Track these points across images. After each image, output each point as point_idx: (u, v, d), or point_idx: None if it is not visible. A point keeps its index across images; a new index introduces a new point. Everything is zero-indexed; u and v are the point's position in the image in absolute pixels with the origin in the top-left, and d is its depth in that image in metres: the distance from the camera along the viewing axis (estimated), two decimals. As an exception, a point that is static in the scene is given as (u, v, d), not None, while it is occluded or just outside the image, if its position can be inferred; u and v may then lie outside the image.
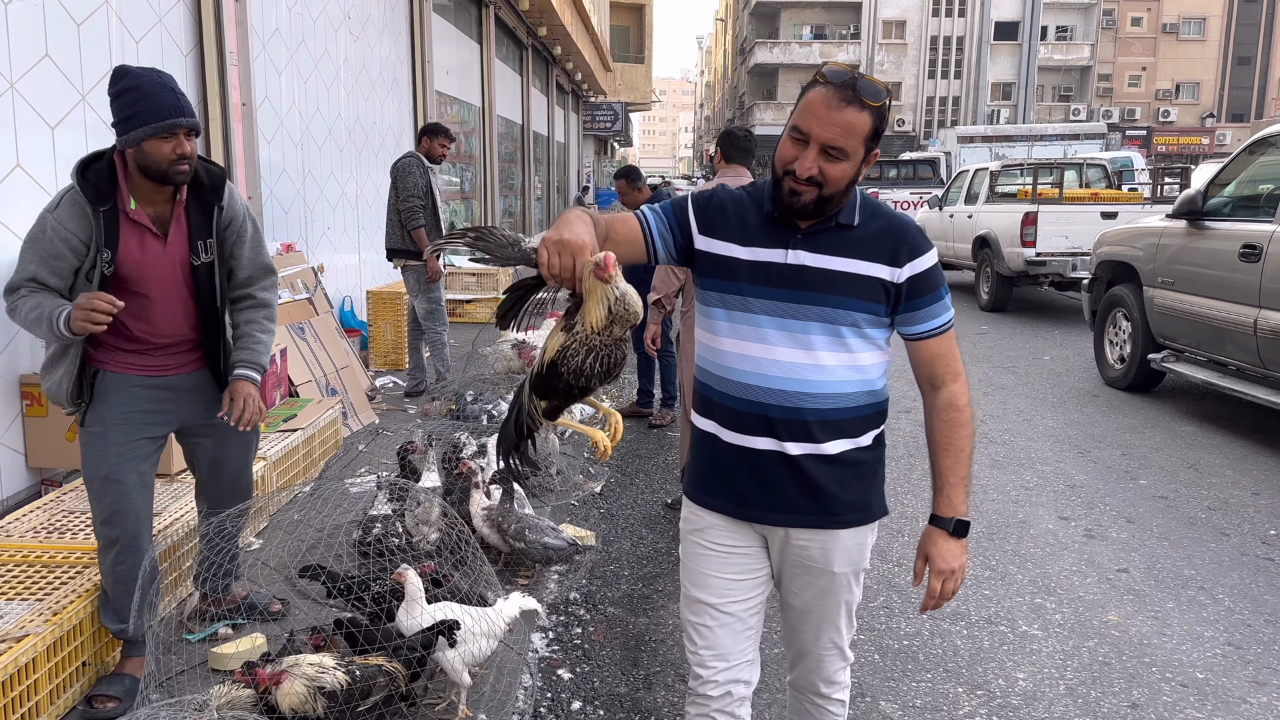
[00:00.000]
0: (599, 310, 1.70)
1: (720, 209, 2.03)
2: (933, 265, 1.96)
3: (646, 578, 4.23)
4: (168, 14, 5.37)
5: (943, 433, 2.03)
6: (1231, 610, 3.94)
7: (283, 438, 4.68)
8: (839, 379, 1.95)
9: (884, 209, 2.01)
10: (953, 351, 2.02)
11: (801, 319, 1.92)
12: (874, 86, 1.84)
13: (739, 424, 2.00)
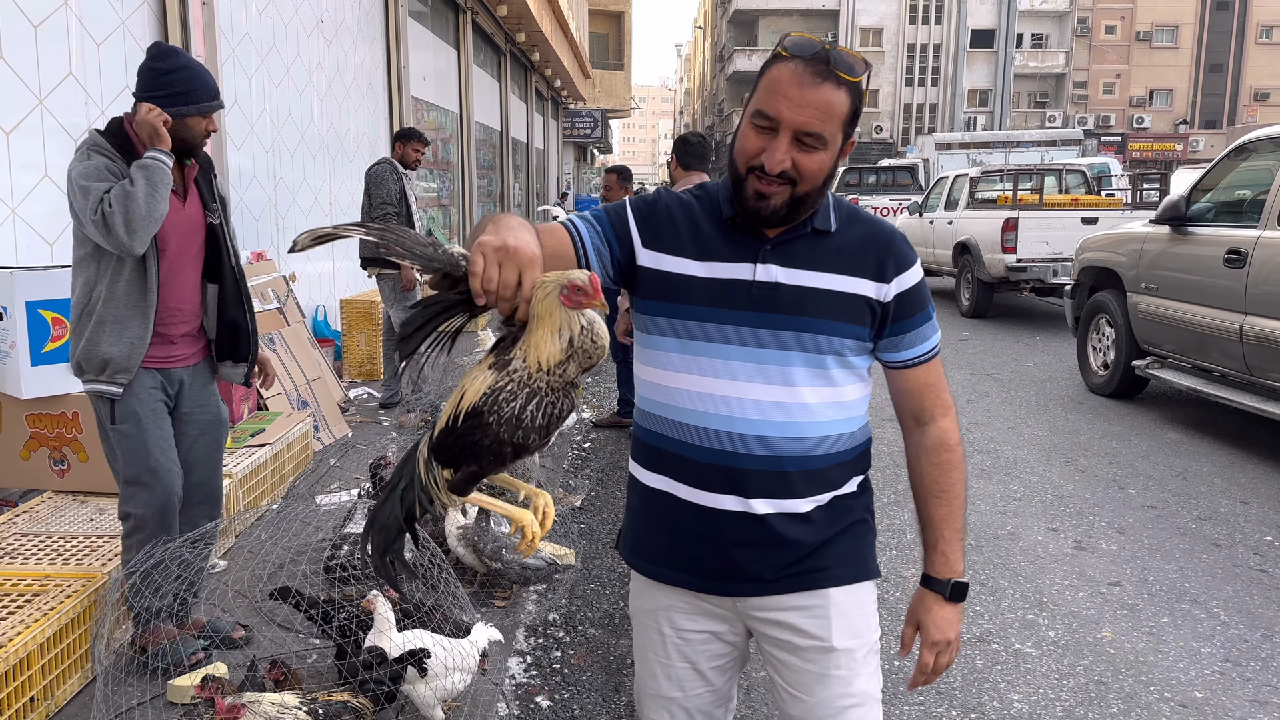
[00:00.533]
0: (553, 342, 1.31)
1: (667, 216, 1.68)
2: (921, 280, 1.68)
3: (628, 596, 4.08)
4: (131, 16, 5.21)
5: (933, 477, 1.71)
6: (1227, 625, 3.85)
7: (250, 453, 4.52)
8: (822, 419, 1.62)
9: (862, 213, 1.70)
10: (941, 381, 1.73)
11: (779, 348, 1.58)
12: (849, 59, 1.52)
13: (700, 479, 1.63)
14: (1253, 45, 52.72)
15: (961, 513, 1.74)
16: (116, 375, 2.93)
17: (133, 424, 2.96)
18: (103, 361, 2.92)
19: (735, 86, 55.22)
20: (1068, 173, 14.56)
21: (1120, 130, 52.00)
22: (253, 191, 6.72)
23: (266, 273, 6.43)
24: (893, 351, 1.68)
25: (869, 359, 1.70)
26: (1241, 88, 53.14)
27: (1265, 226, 5.91)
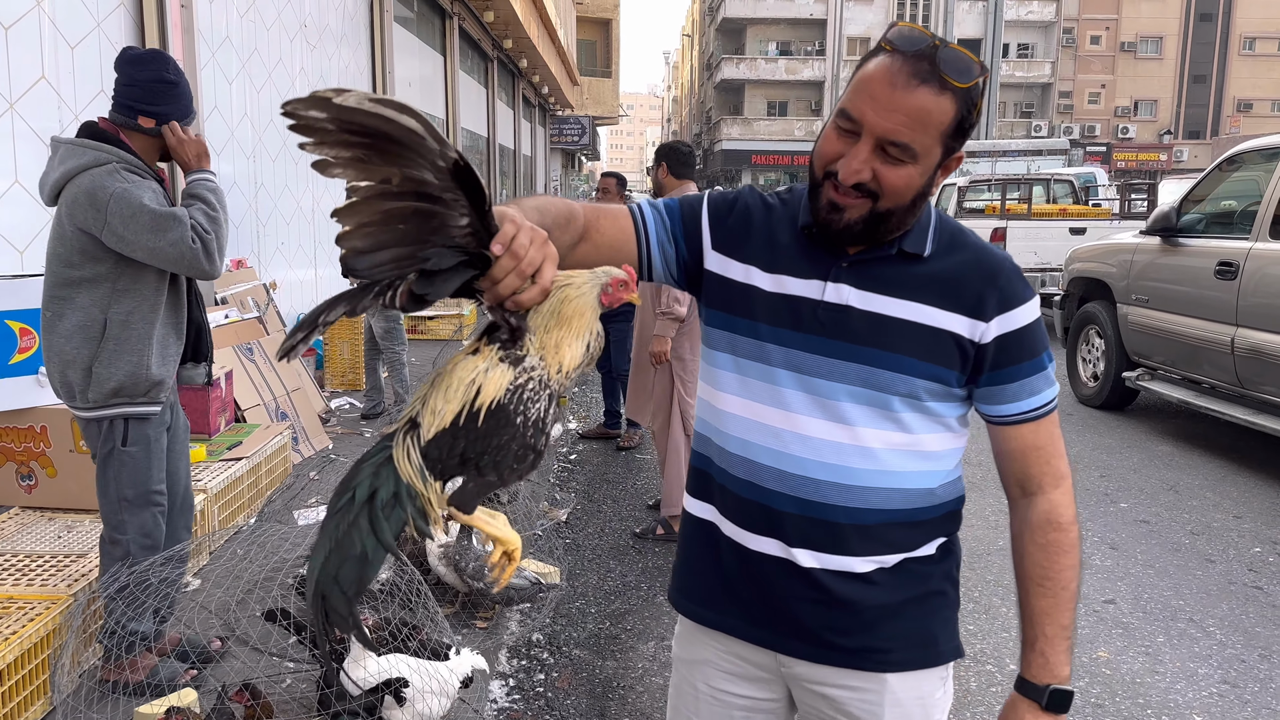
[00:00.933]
0: (578, 345, 1.19)
1: (744, 217, 1.51)
2: (1033, 321, 1.40)
3: (614, 615, 3.99)
4: (107, 18, 5.10)
5: (1037, 561, 1.44)
6: (1224, 644, 3.78)
7: (226, 467, 4.40)
8: (889, 468, 1.40)
9: (970, 237, 1.46)
10: (1054, 445, 1.45)
11: (839, 380, 1.39)
12: (961, 60, 1.28)
13: (741, 516, 1.47)
14: (1236, 56, 53.14)
15: (1070, 607, 1.45)
16: (159, 395, 2.92)
17: (142, 446, 2.92)
18: (153, 383, 2.88)
19: (723, 94, 55.29)
20: (1055, 182, 14.56)
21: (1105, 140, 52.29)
22: (233, 198, 6.59)
23: (246, 280, 6.31)
24: (992, 403, 1.43)
25: (961, 407, 1.45)
26: (1225, 98, 53.54)
27: (1256, 238, 5.87)
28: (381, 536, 1.13)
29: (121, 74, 2.87)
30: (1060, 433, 1.47)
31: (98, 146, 2.77)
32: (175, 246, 2.73)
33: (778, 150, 50.40)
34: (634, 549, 4.74)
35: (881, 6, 49.96)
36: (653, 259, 1.51)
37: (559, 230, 1.38)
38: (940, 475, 1.45)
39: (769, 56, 51.90)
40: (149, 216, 2.70)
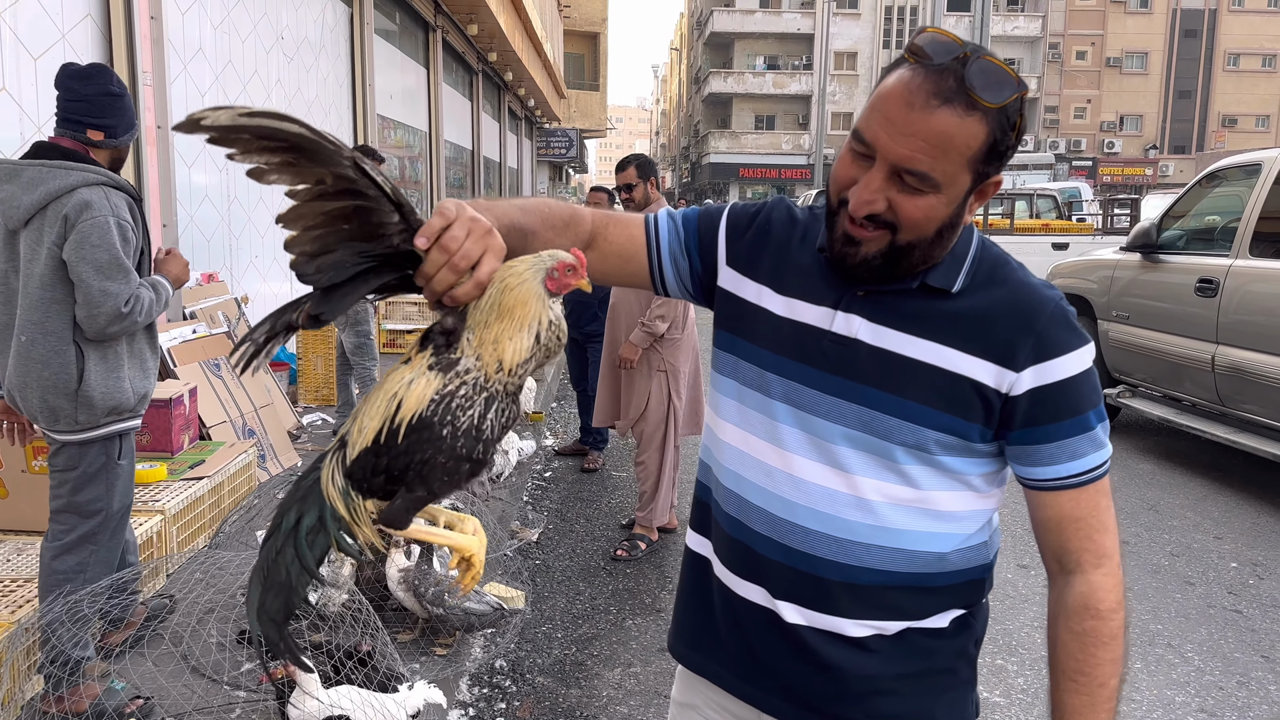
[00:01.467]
0: (521, 337, 1.09)
1: (762, 233, 1.37)
2: (1080, 374, 1.21)
3: (581, 640, 3.90)
4: (72, 30, 5.01)
5: (1072, 651, 1.25)
6: (1202, 671, 3.71)
7: (186, 486, 4.29)
8: (889, 525, 1.25)
9: (1014, 272, 1.26)
10: (1098, 518, 1.24)
11: (836, 421, 1.25)
12: (995, 73, 1.12)
13: (731, 557, 1.36)
14: (1220, 72, 53.58)
15: (1109, 708, 1.25)
16: (144, 407, 3.01)
17: (129, 458, 3.00)
18: (140, 396, 2.96)
19: (711, 108, 55.43)
20: (1039, 197, 14.58)
21: (1091, 155, 52.59)
22: (204, 210, 6.50)
23: (217, 295, 6.21)
24: (1025, 464, 1.25)
25: (988, 464, 1.27)
26: (1210, 114, 53.94)
27: (1237, 255, 5.84)
28: (305, 563, 1.09)
29: (65, 90, 2.87)
30: (1110, 504, 1.26)
31: (80, 166, 2.78)
32: (105, 297, 2.75)
33: (765, 164, 50.54)
34: (605, 570, 4.65)
35: (869, 21, 50.24)
36: (664, 271, 1.41)
37: (553, 231, 1.31)
38: (955, 539, 1.27)
39: (756, 71, 52.09)
40: (107, 257, 2.73)
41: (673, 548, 4.95)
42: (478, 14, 14.45)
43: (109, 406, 2.84)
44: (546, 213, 1.33)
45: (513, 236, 1.23)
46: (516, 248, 1.25)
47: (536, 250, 1.27)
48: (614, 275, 1.43)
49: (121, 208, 2.79)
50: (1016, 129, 1.16)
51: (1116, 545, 1.27)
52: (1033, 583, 4.52)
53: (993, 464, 1.28)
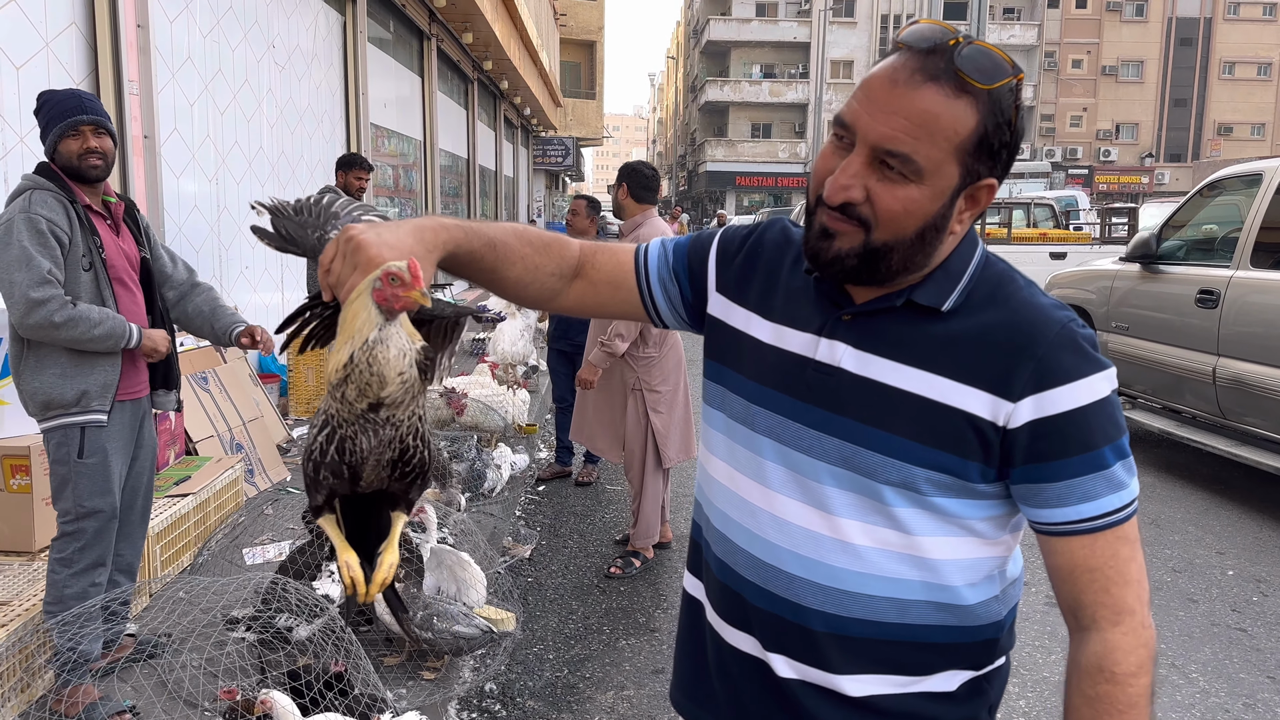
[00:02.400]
0: (340, 354, 1.09)
1: (752, 256, 1.29)
2: (1089, 405, 1.08)
3: (573, 662, 3.81)
4: (57, 38, 4.93)
5: (1084, 715, 1.13)
6: (1207, 692, 3.62)
7: (171, 503, 4.20)
8: (876, 572, 1.15)
9: (1015, 289, 1.14)
10: (1117, 568, 1.10)
11: (813, 456, 1.15)
12: (987, 56, 1.03)
13: (721, 602, 1.28)
14: (1216, 81, 53.69)
15: None
16: (93, 404, 2.95)
17: (100, 457, 2.97)
18: (79, 393, 2.92)
19: (708, 116, 55.46)
20: (1036, 206, 14.53)
21: (1087, 163, 52.66)
22: (193, 220, 6.42)
23: (205, 307, 6.11)
24: (1031, 506, 1.13)
25: (993, 507, 1.15)
26: (1205, 122, 54.04)
27: (1238, 266, 5.77)
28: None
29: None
30: (1134, 554, 1.12)
31: (28, 177, 2.93)
32: (12, 287, 2.78)
33: (762, 172, 50.56)
34: (598, 588, 4.56)
35: (865, 30, 50.32)
36: (655, 298, 1.35)
37: (530, 248, 1.29)
38: (956, 591, 1.15)
39: (753, 79, 52.14)
40: (14, 253, 2.78)
41: (667, 565, 4.86)
42: (473, 22, 14.40)
43: (41, 401, 2.91)
44: (523, 231, 1.31)
45: (482, 251, 1.25)
46: (489, 261, 1.27)
47: (515, 266, 1.29)
48: (608, 304, 1.38)
49: (41, 205, 2.82)
50: (1012, 126, 1.07)
51: (1141, 600, 1.12)
52: (1033, 600, 4.44)
53: (999, 507, 1.16)
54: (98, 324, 2.88)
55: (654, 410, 4.60)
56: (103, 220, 3.03)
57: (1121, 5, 52.56)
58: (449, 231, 1.21)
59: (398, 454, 1.14)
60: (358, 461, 1.13)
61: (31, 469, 3.65)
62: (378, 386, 1.07)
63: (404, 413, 1.12)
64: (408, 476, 1.18)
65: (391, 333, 1.07)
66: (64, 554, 2.98)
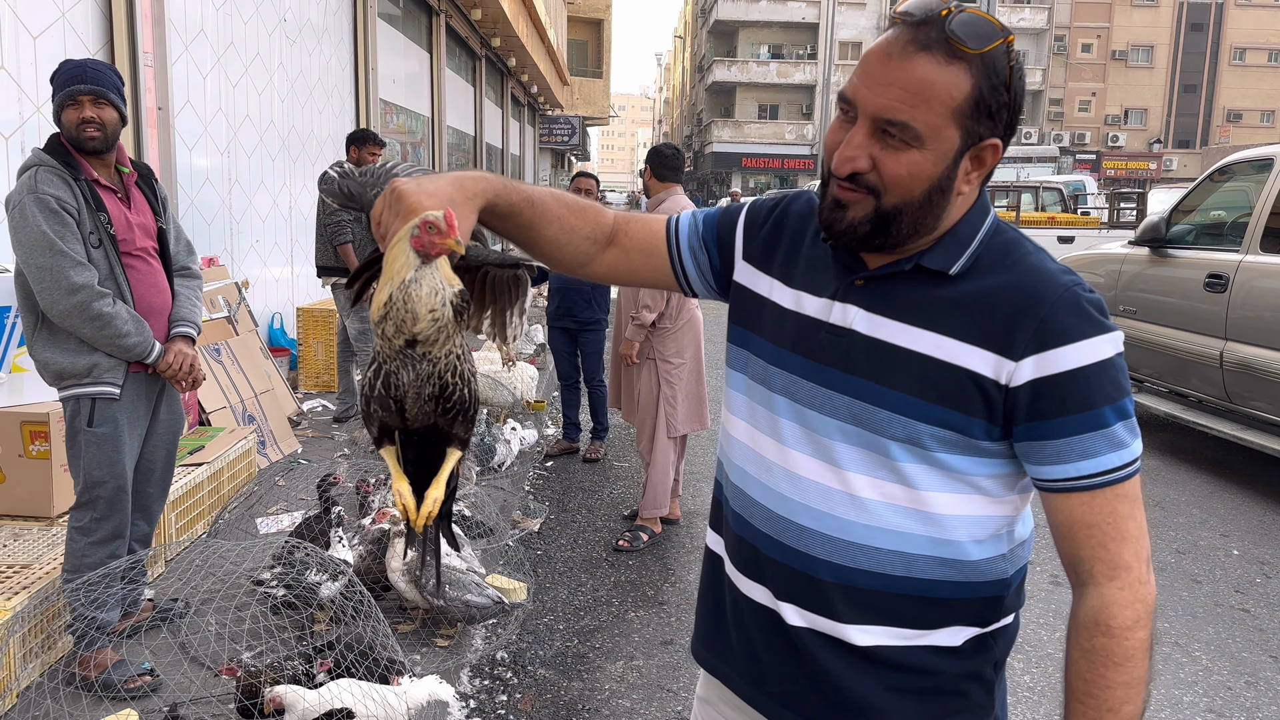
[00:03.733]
0: (382, 293, 1.17)
1: (778, 226, 1.35)
2: (1090, 365, 1.10)
3: (583, 632, 3.86)
4: (72, 8, 4.94)
5: (1081, 670, 1.16)
6: (1210, 670, 3.67)
7: (185, 473, 4.24)
8: (883, 525, 1.19)
9: (1024, 254, 1.18)
10: (1115, 525, 1.13)
11: (824, 413, 1.20)
12: (978, 22, 1.09)
13: (738, 555, 1.33)
14: (1226, 67, 53.36)
15: None
16: (104, 375, 2.94)
17: (111, 427, 2.97)
18: (91, 364, 2.92)
19: (714, 97, 55.23)
20: (1044, 190, 14.51)
21: (1095, 148, 52.42)
22: (205, 193, 6.44)
23: (218, 279, 6.15)
24: (1032, 463, 1.16)
25: (999, 465, 1.18)
26: (1215, 108, 53.75)
27: (1247, 250, 5.78)
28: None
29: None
30: (1133, 511, 1.14)
31: (35, 152, 2.90)
32: (42, 273, 2.80)
33: (768, 154, 50.37)
34: (607, 561, 4.61)
35: (874, 11, 49.98)
36: (685, 265, 1.40)
37: (566, 209, 1.35)
38: (961, 547, 1.18)
39: (760, 59, 51.86)
40: (33, 235, 2.78)
41: (675, 539, 4.91)
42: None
43: (55, 371, 2.93)
44: (561, 195, 1.37)
45: (521, 205, 1.31)
46: (527, 217, 1.32)
47: (552, 225, 1.34)
48: (640, 271, 1.43)
49: (46, 184, 2.80)
50: (1009, 86, 1.11)
51: (1139, 557, 1.15)
52: (1039, 579, 4.49)
53: (1005, 466, 1.18)
54: (126, 334, 2.90)
55: (666, 380, 4.72)
56: (112, 194, 2.99)
57: (1133, -11, 52.18)
58: (489, 182, 1.26)
59: (438, 389, 1.21)
60: (400, 395, 1.22)
61: (50, 435, 3.69)
62: (411, 323, 1.14)
63: (440, 350, 1.18)
64: (450, 412, 1.24)
65: (426, 273, 1.13)
66: (81, 523, 3.01)
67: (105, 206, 2.95)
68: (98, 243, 2.91)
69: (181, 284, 3.26)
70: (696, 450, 6.28)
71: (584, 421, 6.66)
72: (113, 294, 2.89)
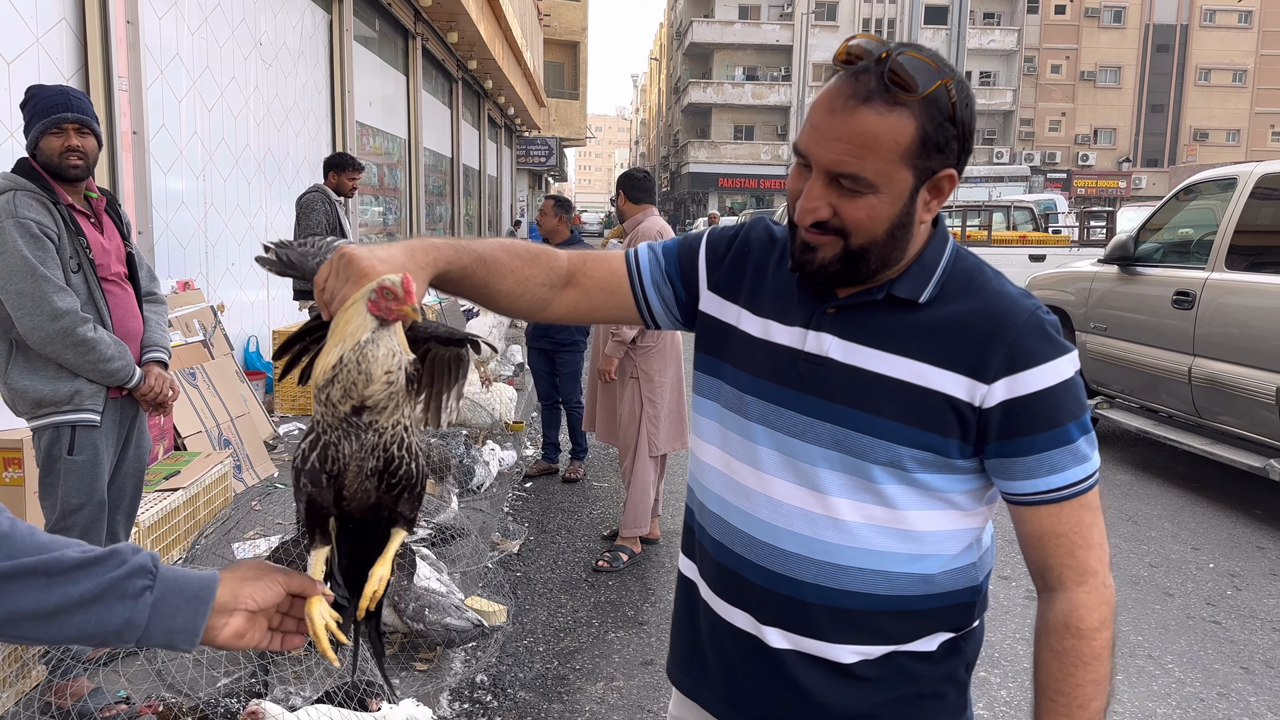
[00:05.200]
0: (328, 355, 1.08)
1: (740, 256, 1.37)
2: (1057, 385, 1.17)
3: (563, 654, 3.86)
4: (47, 34, 4.93)
5: (1052, 671, 1.22)
6: (1182, 682, 3.72)
7: (160, 498, 4.22)
8: (865, 546, 1.23)
9: (986, 281, 1.24)
10: (1081, 533, 1.21)
11: (806, 440, 1.23)
12: (914, 66, 1.11)
13: (714, 580, 1.35)
14: (1192, 87, 54.33)
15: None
16: (85, 403, 2.93)
17: (90, 454, 2.96)
18: (73, 391, 2.91)
19: (690, 118, 55.59)
20: (1015, 209, 14.69)
21: (1066, 167, 53.14)
22: (180, 216, 6.42)
23: (193, 303, 6.13)
24: (1003, 478, 1.22)
25: (970, 481, 1.24)
26: (1182, 127, 54.66)
27: (1212, 268, 5.89)
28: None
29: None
30: (1096, 520, 1.23)
31: (7, 176, 2.88)
32: (22, 299, 2.77)
33: (744, 174, 50.73)
34: (586, 582, 4.61)
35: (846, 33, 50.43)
36: (650, 301, 1.41)
37: (519, 260, 1.34)
38: (938, 560, 1.24)
39: (735, 81, 52.30)
40: (13, 261, 2.75)
41: (655, 559, 4.92)
42: (458, 22, 14.42)
43: (33, 399, 2.90)
44: (511, 245, 1.36)
45: (474, 267, 1.30)
46: (480, 277, 1.31)
47: (506, 279, 1.33)
48: (600, 310, 1.44)
49: (25, 208, 2.79)
50: (954, 118, 1.14)
51: (1103, 562, 1.23)
52: (1014, 594, 4.53)
53: (976, 481, 1.25)
54: (110, 359, 2.90)
55: (648, 399, 4.74)
56: (86, 219, 3.00)
57: (1100, 12, 53.10)
58: (439, 250, 1.25)
59: (382, 463, 1.11)
60: (339, 469, 1.10)
61: (24, 462, 3.66)
62: (363, 385, 1.06)
63: (387, 419, 1.09)
64: (395, 488, 1.14)
65: (384, 335, 1.07)
66: None
67: (83, 231, 2.95)
68: (77, 267, 2.90)
69: (149, 309, 3.28)
70: (677, 470, 6.30)
71: (564, 442, 6.67)
72: (94, 319, 2.89)
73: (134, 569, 0.99)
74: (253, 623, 1.05)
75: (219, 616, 1.02)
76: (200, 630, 1.00)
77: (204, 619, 1.00)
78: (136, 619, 0.97)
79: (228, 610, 1.03)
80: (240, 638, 1.04)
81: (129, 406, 3.15)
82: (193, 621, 0.99)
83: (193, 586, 1.01)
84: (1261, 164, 5.96)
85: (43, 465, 2.98)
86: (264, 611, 1.07)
